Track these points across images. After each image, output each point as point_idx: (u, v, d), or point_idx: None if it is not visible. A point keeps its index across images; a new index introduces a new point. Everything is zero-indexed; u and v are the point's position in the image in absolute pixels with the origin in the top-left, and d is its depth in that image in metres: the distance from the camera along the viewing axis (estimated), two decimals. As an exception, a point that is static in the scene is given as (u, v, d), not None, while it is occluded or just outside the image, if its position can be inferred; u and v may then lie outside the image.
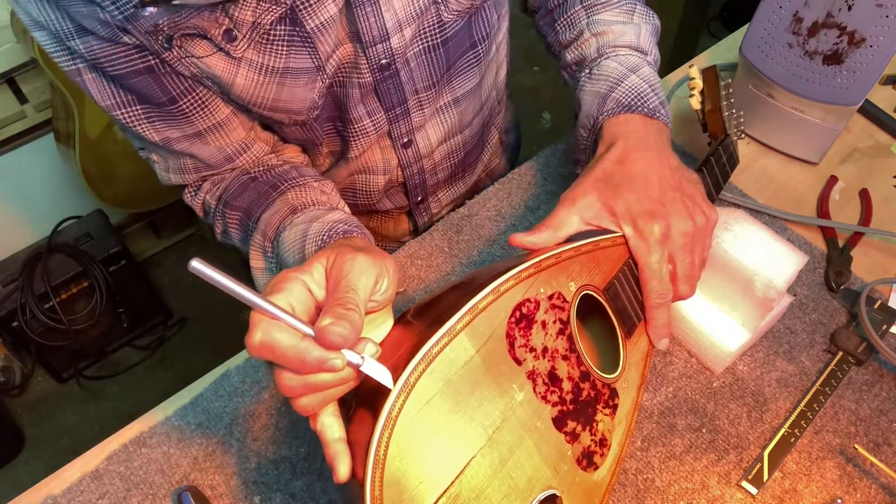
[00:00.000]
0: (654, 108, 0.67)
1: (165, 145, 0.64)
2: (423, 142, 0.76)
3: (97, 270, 1.71)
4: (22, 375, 1.84)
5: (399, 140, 0.74)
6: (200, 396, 0.68)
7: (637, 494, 0.62)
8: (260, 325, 0.41)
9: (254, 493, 0.62)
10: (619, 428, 0.53)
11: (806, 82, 0.80)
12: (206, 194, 0.72)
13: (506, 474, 0.46)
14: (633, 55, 0.73)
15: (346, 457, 0.43)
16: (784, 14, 0.79)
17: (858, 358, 0.69)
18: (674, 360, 0.70)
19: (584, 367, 0.53)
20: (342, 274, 0.44)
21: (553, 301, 0.52)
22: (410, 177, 0.80)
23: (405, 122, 0.72)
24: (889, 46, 0.73)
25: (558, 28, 0.78)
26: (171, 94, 0.59)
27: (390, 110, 0.70)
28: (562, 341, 0.52)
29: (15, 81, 1.62)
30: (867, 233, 0.79)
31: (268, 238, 0.65)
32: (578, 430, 0.51)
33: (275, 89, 0.61)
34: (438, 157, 0.80)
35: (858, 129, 0.91)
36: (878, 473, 0.63)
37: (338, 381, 0.43)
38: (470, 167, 0.90)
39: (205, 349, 1.99)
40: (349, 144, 0.72)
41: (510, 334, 0.48)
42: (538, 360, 0.50)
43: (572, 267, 0.54)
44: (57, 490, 0.63)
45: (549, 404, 0.50)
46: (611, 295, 0.57)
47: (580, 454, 0.50)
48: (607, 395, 0.53)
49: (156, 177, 0.73)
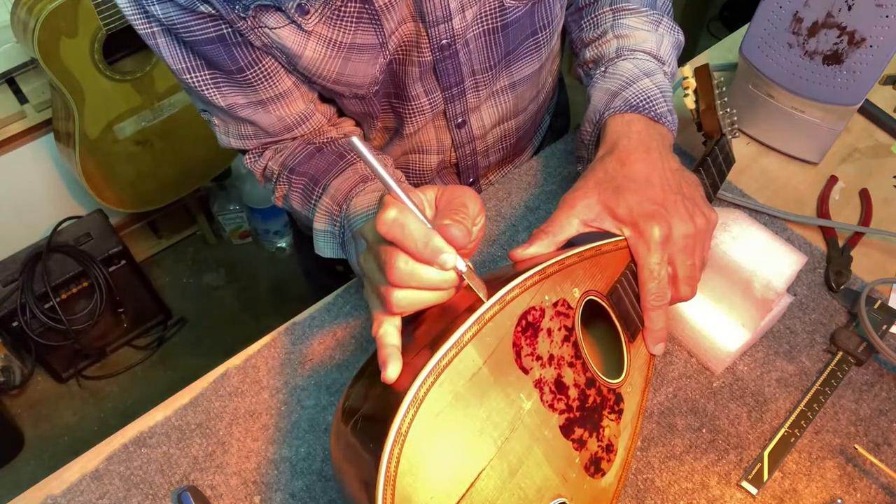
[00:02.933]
0: (661, 114, 0.68)
1: (230, 111, 0.67)
2: (477, 123, 0.79)
3: (97, 270, 1.71)
4: (22, 375, 1.84)
5: (454, 120, 0.77)
6: (200, 396, 0.68)
7: (637, 494, 0.62)
8: (396, 205, 0.45)
9: (254, 493, 0.62)
10: (625, 432, 0.53)
11: (806, 82, 0.80)
12: (269, 160, 0.75)
13: (515, 485, 0.46)
14: (651, 61, 0.74)
15: (398, 361, 0.45)
16: (784, 14, 0.79)
17: (858, 358, 0.69)
18: (674, 360, 0.70)
19: (590, 374, 0.53)
20: (454, 195, 0.48)
21: (558, 308, 0.52)
22: (463, 157, 0.83)
23: (461, 103, 0.75)
24: (889, 46, 0.73)
25: (583, 25, 0.80)
26: (240, 64, 0.62)
27: (447, 90, 0.72)
28: (567, 348, 0.51)
29: (15, 81, 1.62)
30: (867, 233, 0.79)
31: (336, 202, 0.68)
32: (585, 437, 0.51)
33: (340, 63, 0.64)
34: (491, 139, 0.83)
35: (858, 129, 0.91)
36: (878, 473, 0.63)
37: (439, 282, 0.46)
38: (521, 151, 0.93)
39: (205, 349, 1.99)
40: (404, 121, 0.74)
41: (517, 343, 0.48)
42: (545, 368, 0.50)
43: (576, 273, 0.54)
44: (57, 490, 0.63)
45: (556, 412, 0.49)
46: (614, 300, 0.57)
47: (588, 461, 0.50)
48: (613, 400, 0.53)
49: (157, 176, 0.74)
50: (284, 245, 2.19)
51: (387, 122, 0.76)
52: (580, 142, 0.75)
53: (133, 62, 1.61)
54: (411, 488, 0.41)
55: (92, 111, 1.58)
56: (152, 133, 1.73)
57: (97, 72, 1.53)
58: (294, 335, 0.72)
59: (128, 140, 1.69)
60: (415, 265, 0.45)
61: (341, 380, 0.69)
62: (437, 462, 0.42)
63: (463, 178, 0.86)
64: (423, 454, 0.42)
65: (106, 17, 1.46)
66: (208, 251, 2.20)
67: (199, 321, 2.05)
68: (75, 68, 1.49)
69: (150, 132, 1.72)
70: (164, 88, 1.68)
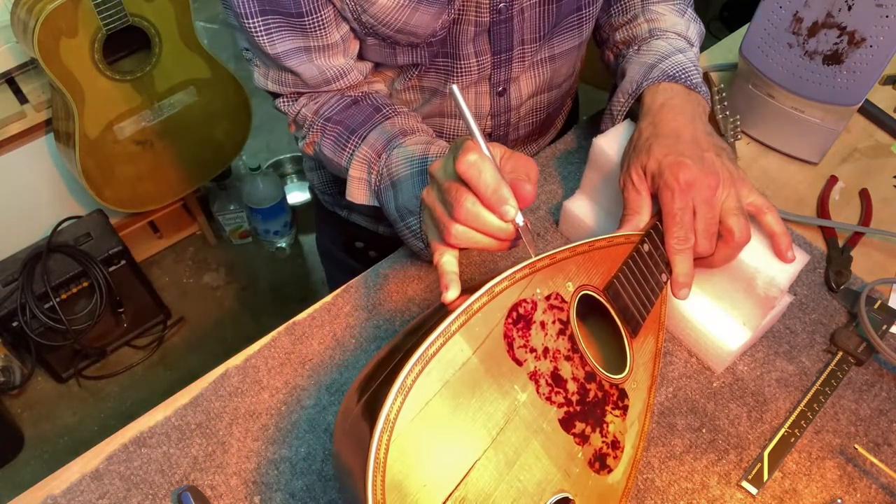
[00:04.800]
0: (697, 84, 0.72)
1: (276, 59, 0.70)
2: (515, 93, 0.82)
3: (97, 270, 1.71)
4: (22, 375, 1.84)
5: (496, 87, 0.79)
6: (200, 396, 0.68)
7: (637, 494, 0.62)
8: (476, 150, 0.48)
9: (254, 493, 0.62)
10: (632, 430, 0.52)
11: (806, 82, 0.80)
12: (303, 107, 0.77)
13: (513, 477, 0.45)
14: (682, 41, 0.79)
15: (457, 285, 0.49)
16: (784, 14, 0.79)
17: (858, 358, 0.69)
18: (674, 360, 0.70)
19: (589, 368, 0.52)
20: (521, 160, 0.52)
21: (551, 301, 0.51)
22: (497, 127, 0.85)
23: (506, 70, 0.78)
24: (889, 46, 0.73)
25: (612, 11, 0.84)
26: (302, 9, 0.66)
27: (497, 54, 0.75)
28: (563, 342, 0.51)
29: (15, 81, 1.62)
30: (867, 233, 0.79)
31: (376, 151, 0.71)
32: (588, 432, 0.50)
33: (408, 13, 0.67)
34: (524, 111, 0.85)
35: (858, 129, 0.91)
36: (878, 473, 0.63)
37: (496, 229, 0.50)
38: (546, 130, 0.96)
39: (205, 349, 1.99)
40: (448, 81, 0.77)
41: (508, 335, 0.48)
42: (539, 360, 0.49)
43: (568, 267, 0.54)
44: (57, 490, 0.63)
45: (554, 405, 0.49)
46: (612, 294, 0.57)
47: (592, 456, 0.50)
48: (616, 395, 0.53)
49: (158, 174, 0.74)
50: (284, 245, 2.18)
51: (430, 80, 0.78)
52: (608, 113, 0.79)
53: (133, 62, 1.61)
54: (402, 475, 0.41)
55: (92, 111, 1.58)
56: (152, 133, 1.73)
57: (97, 72, 1.53)
58: (294, 335, 0.72)
59: (128, 140, 1.69)
60: (480, 208, 0.49)
61: (341, 380, 0.69)
62: (428, 450, 0.42)
63: None
64: (413, 442, 0.42)
65: (106, 17, 1.46)
66: (208, 251, 2.20)
67: (199, 321, 2.05)
68: (75, 68, 1.49)
69: (150, 132, 1.72)
70: (164, 88, 1.68)
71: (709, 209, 0.61)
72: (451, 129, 0.85)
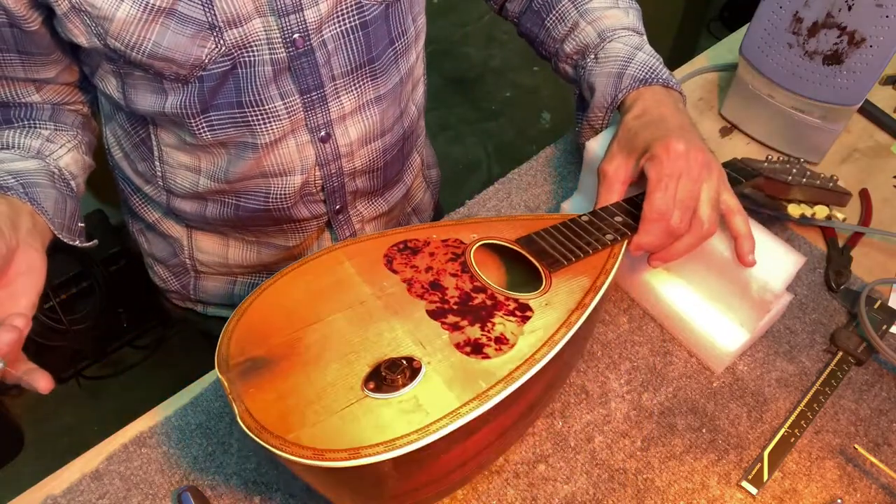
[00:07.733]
0: (667, 79, 0.72)
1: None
2: (343, 139, 0.74)
3: (97, 270, 1.71)
4: (22, 375, 1.84)
5: (317, 132, 0.72)
6: (200, 396, 0.68)
7: (637, 494, 0.62)
8: None
9: (254, 493, 0.62)
10: (532, 335, 0.54)
11: (806, 82, 0.80)
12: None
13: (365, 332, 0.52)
14: (633, 35, 0.77)
15: None
16: (784, 14, 0.79)
17: (858, 358, 0.69)
18: (674, 360, 0.70)
19: (480, 283, 0.57)
20: None
21: (447, 243, 0.60)
22: (328, 177, 0.76)
23: (322, 111, 0.70)
24: (889, 46, 0.73)
25: (548, 25, 0.81)
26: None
27: (306, 94, 0.68)
28: (452, 266, 0.58)
29: (15, 81, 1.62)
30: (867, 233, 0.79)
31: None
32: (463, 324, 0.54)
33: (157, 31, 0.59)
34: (359, 162, 0.77)
35: (858, 129, 0.92)
36: (878, 473, 0.63)
37: None
38: (391, 184, 0.87)
39: (205, 349, 1.99)
40: (256, 130, 0.68)
41: (389, 254, 0.58)
42: (418, 273, 0.57)
43: (475, 227, 0.62)
44: (57, 490, 0.63)
45: (424, 301, 0.55)
46: (524, 242, 0.61)
47: (462, 341, 0.52)
48: (513, 307, 0.56)
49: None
50: (284, 245, 2.18)
51: (231, 134, 0.69)
52: (588, 127, 0.78)
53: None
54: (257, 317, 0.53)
55: (92, 111, 1.58)
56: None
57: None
58: (294, 335, 0.72)
59: (128, 140, 1.69)
60: None
61: (341, 380, 0.69)
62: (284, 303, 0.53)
63: (329, 203, 0.80)
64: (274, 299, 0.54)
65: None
66: (208, 251, 2.20)
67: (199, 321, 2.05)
68: (75, 68, 1.49)
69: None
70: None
71: (692, 184, 0.62)
72: (279, 187, 0.74)
